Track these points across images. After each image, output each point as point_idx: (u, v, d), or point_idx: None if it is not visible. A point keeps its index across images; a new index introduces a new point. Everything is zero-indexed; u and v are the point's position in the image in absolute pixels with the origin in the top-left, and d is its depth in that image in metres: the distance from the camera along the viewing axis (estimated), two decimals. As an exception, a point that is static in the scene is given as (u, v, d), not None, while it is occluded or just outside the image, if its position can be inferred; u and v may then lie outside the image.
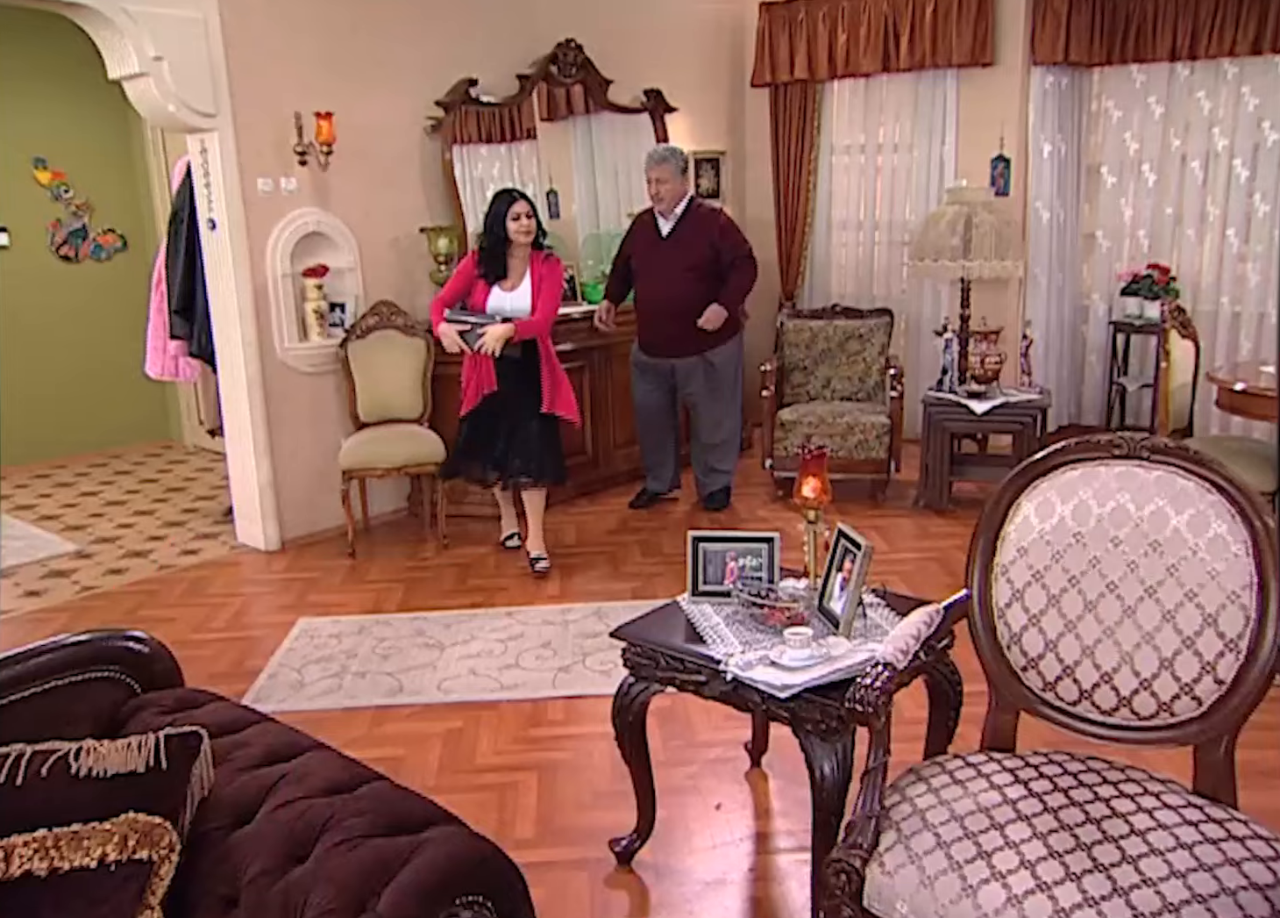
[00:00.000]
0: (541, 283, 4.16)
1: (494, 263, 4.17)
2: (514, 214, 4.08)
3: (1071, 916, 1.61)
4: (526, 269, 4.19)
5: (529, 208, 4.13)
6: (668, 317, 4.79)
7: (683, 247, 4.74)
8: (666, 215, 4.75)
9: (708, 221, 4.83)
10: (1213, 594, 1.93)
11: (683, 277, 4.75)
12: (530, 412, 4.22)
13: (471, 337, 4.06)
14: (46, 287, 6.40)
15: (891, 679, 1.90)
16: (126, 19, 4.08)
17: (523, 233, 4.10)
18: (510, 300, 4.17)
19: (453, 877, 1.35)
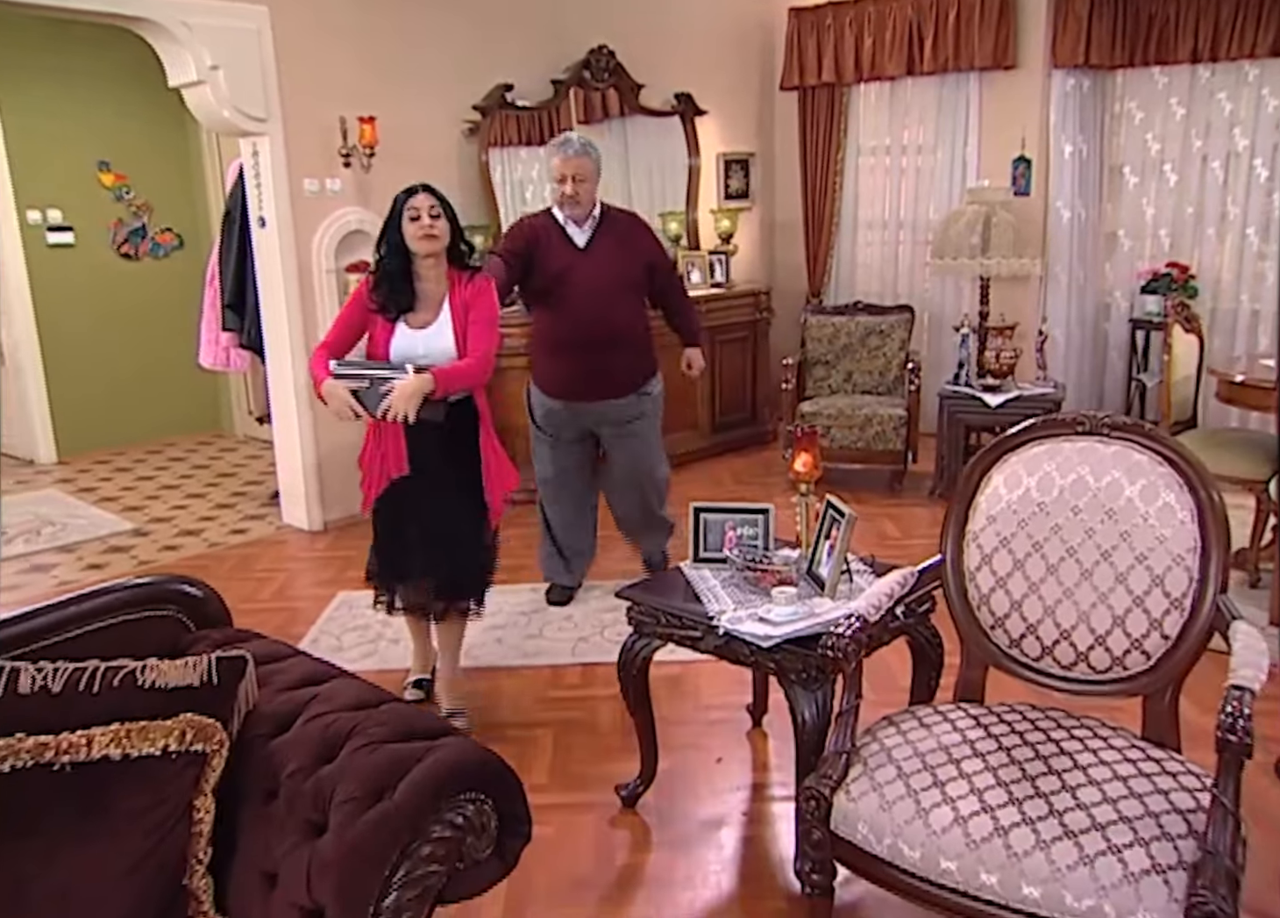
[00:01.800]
0: (469, 312, 2.91)
1: (395, 289, 2.89)
2: (411, 210, 2.85)
3: (1009, 833, 1.80)
4: (444, 296, 2.94)
5: (434, 202, 2.87)
6: (602, 347, 3.70)
7: (613, 260, 3.72)
8: (580, 222, 3.72)
9: (635, 230, 3.88)
10: (1160, 558, 2.11)
11: (619, 296, 3.74)
12: (456, 499, 3.02)
13: (371, 396, 2.79)
14: (107, 283, 6.76)
15: (862, 630, 2.09)
16: (186, 31, 4.37)
17: (424, 238, 2.84)
18: (423, 341, 2.90)
19: (458, 775, 1.57)
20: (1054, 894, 1.73)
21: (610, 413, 3.86)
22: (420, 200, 2.87)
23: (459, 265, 2.98)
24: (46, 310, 6.48)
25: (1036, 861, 1.76)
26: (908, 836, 1.88)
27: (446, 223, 2.90)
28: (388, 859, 1.49)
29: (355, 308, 2.98)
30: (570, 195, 3.65)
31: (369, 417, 2.85)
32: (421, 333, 2.92)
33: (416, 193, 2.89)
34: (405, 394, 2.76)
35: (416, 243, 2.85)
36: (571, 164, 3.62)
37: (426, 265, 2.91)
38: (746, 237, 6.84)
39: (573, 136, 3.69)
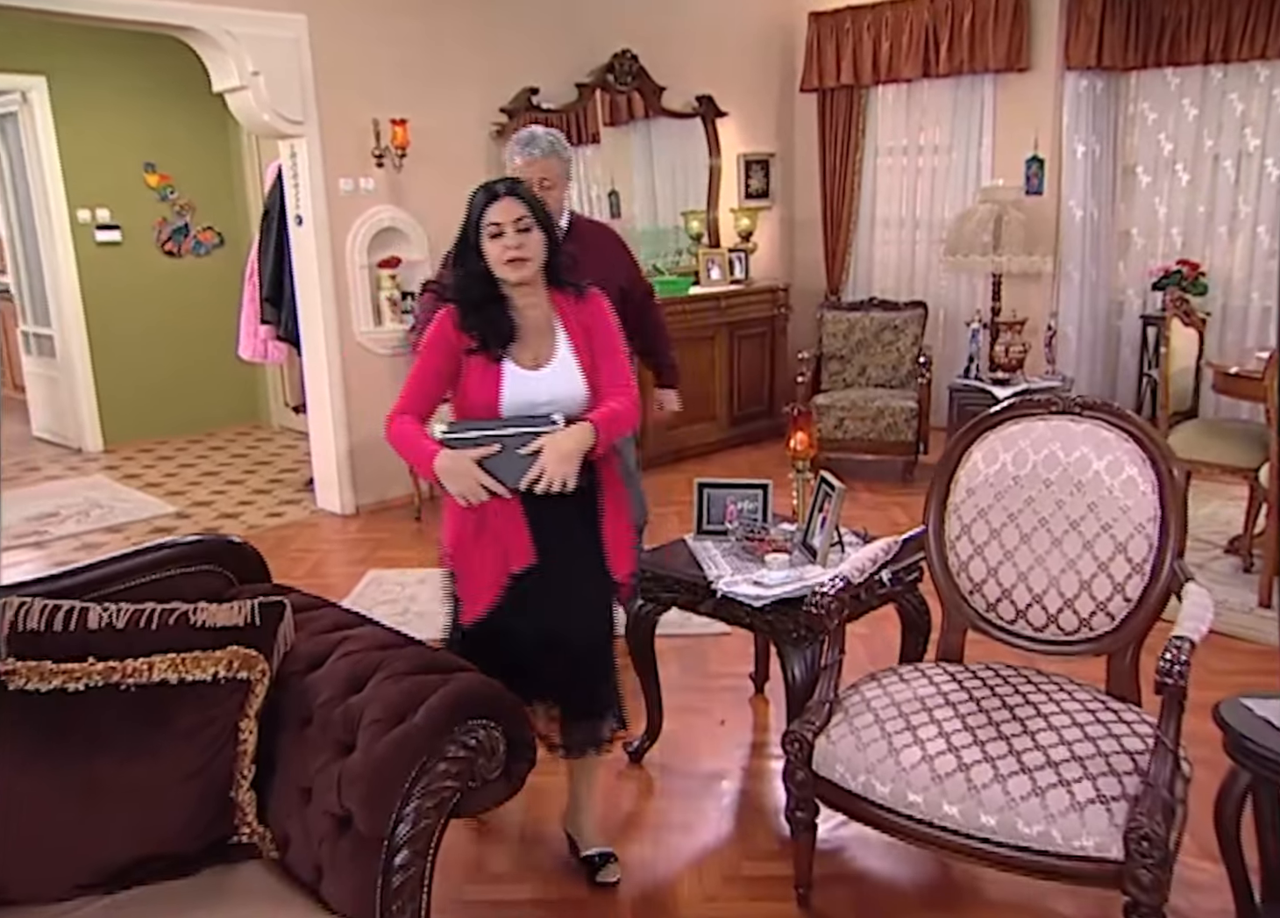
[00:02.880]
0: (592, 339, 2.25)
1: (490, 322, 2.18)
2: (491, 226, 2.12)
3: (971, 769, 1.98)
4: (554, 323, 2.24)
5: (522, 212, 2.12)
6: None
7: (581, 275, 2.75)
8: None
9: (607, 240, 3.27)
10: (1124, 526, 2.28)
11: None
12: (585, 584, 2.29)
13: (508, 463, 2.07)
14: (152, 280, 7.04)
15: (845, 590, 2.28)
16: (229, 39, 4.63)
17: (512, 263, 2.12)
18: (546, 385, 2.20)
19: (470, 702, 1.78)
20: (1008, 822, 1.91)
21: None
22: (503, 209, 2.10)
23: (559, 283, 2.24)
24: (94, 306, 6.78)
25: (994, 793, 1.94)
26: (879, 772, 2.06)
27: (540, 233, 2.14)
28: (408, 773, 1.70)
29: (438, 351, 2.18)
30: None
31: (508, 492, 2.09)
32: (540, 374, 2.18)
33: (498, 197, 2.12)
34: (563, 454, 2.04)
35: (502, 269, 2.12)
36: (537, 167, 2.86)
37: (521, 293, 2.18)
38: (766, 235, 7.02)
39: (538, 132, 2.95)
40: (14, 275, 7.28)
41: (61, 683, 1.72)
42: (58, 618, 1.82)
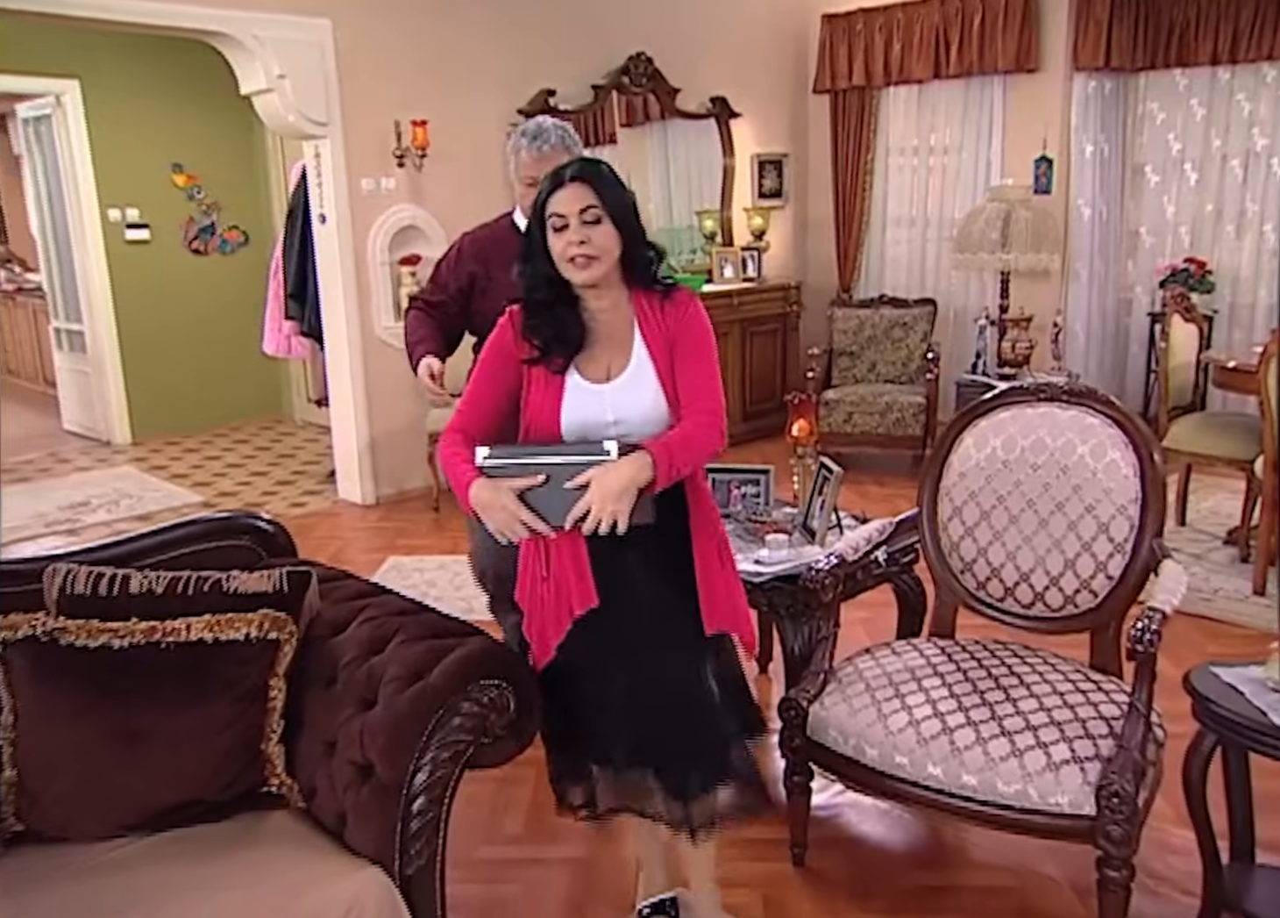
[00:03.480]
0: (675, 346, 1.90)
1: (557, 326, 1.90)
2: (555, 218, 1.82)
3: (954, 733, 2.10)
4: (632, 327, 1.92)
5: (591, 201, 1.80)
6: None
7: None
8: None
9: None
10: (1106, 508, 2.39)
11: None
12: (681, 636, 1.92)
13: (552, 497, 1.76)
14: (179, 277, 7.22)
15: (839, 567, 2.40)
16: (256, 43, 4.79)
17: (577, 262, 1.82)
18: (612, 400, 1.89)
19: (483, 664, 1.91)
20: (988, 782, 2.03)
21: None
22: (568, 198, 1.80)
23: (644, 282, 1.91)
24: (123, 302, 6.97)
25: (975, 754, 2.05)
26: (868, 736, 2.18)
27: (612, 227, 1.82)
28: (425, 726, 1.83)
29: (494, 359, 1.94)
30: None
31: (550, 531, 1.78)
32: (608, 387, 1.88)
33: (563, 183, 1.81)
34: (612, 491, 1.70)
35: (565, 268, 1.83)
36: (549, 163, 2.46)
37: (595, 295, 1.88)
38: (779, 234, 7.13)
39: (547, 124, 2.69)
40: (46, 273, 7.48)
41: (107, 640, 1.86)
42: (102, 583, 1.96)
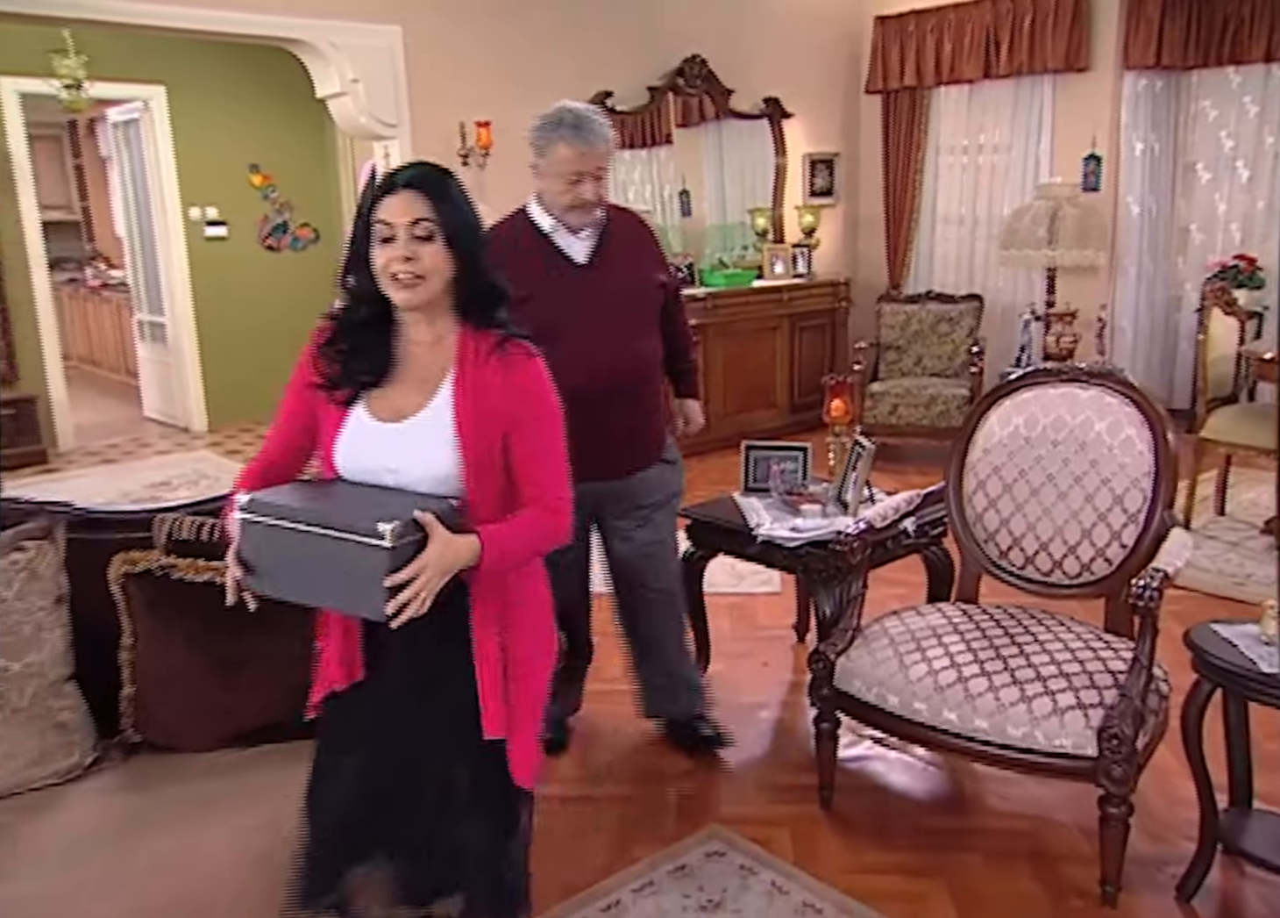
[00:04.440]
0: (517, 423, 1.60)
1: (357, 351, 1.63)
2: (382, 225, 1.55)
3: (968, 681, 2.28)
4: (447, 368, 1.62)
5: (424, 213, 1.55)
6: (621, 399, 2.56)
7: (626, 275, 2.59)
8: (577, 227, 2.53)
9: (640, 231, 2.72)
10: (1121, 481, 2.55)
11: (638, 326, 2.62)
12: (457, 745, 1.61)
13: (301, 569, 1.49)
14: (253, 273, 7.59)
15: (868, 532, 2.59)
16: (332, 49, 5.08)
17: (399, 280, 1.55)
18: (395, 443, 1.60)
19: (538, 605, 2.13)
20: (998, 725, 2.21)
21: (625, 492, 2.65)
22: (399, 205, 1.55)
23: (478, 320, 1.64)
24: (202, 296, 7.34)
25: (986, 700, 2.23)
26: (890, 685, 2.37)
27: (446, 247, 1.56)
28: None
29: (292, 387, 1.71)
30: (591, 201, 2.46)
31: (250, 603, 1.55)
32: (389, 429, 1.60)
33: (395, 189, 1.57)
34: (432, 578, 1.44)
35: (387, 284, 1.56)
36: (597, 156, 2.41)
37: (415, 323, 1.63)
38: (830, 231, 7.28)
39: (584, 112, 2.47)
40: (131, 268, 7.90)
41: (210, 577, 2.11)
42: (204, 530, 2.22)
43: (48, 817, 1.83)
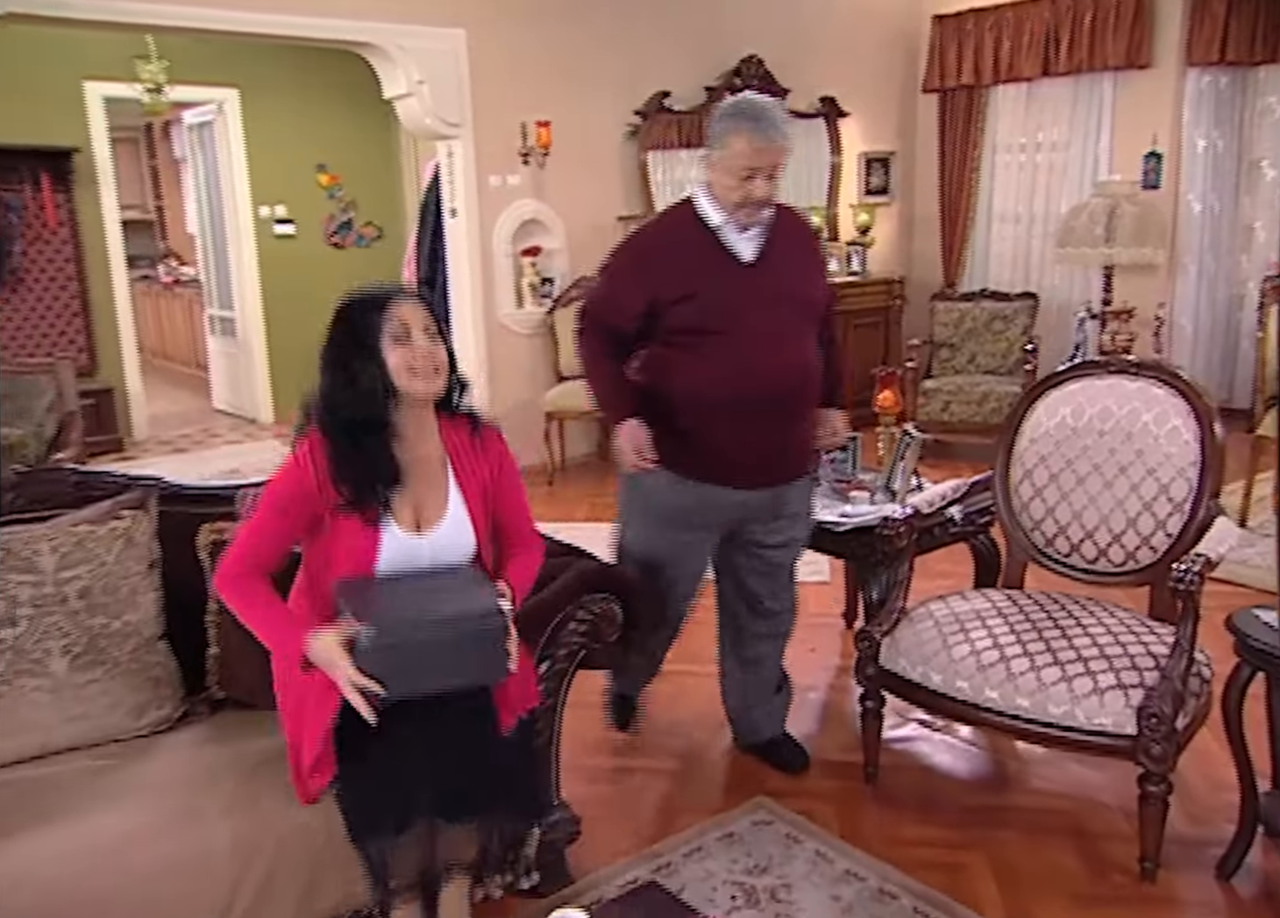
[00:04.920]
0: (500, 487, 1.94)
1: (371, 465, 1.76)
2: (395, 326, 1.76)
3: (1010, 661, 2.34)
4: (446, 466, 1.86)
5: (432, 320, 1.81)
6: (781, 406, 2.44)
7: (792, 276, 2.45)
8: (743, 223, 2.37)
9: (806, 234, 2.61)
10: (1167, 471, 2.59)
11: (801, 329, 2.48)
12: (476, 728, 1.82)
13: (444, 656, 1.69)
14: (319, 269, 7.80)
15: (914, 517, 2.66)
16: (400, 52, 5.26)
17: (422, 374, 1.75)
18: (433, 552, 1.83)
19: (594, 579, 2.24)
20: (1039, 703, 2.27)
21: (773, 503, 2.54)
22: (406, 310, 1.75)
23: (451, 408, 1.85)
24: (270, 292, 7.59)
25: (1028, 679, 2.29)
26: (934, 664, 2.44)
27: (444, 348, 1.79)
28: (547, 627, 2.17)
29: (294, 503, 1.76)
30: (762, 199, 2.31)
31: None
32: (427, 541, 1.80)
33: (395, 299, 1.76)
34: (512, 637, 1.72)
35: (411, 380, 1.72)
36: (774, 153, 2.27)
37: (415, 419, 1.78)
38: (884, 230, 7.32)
39: (763, 104, 2.31)
40: (203, 264, 8.19)
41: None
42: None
43: (143, 761, 1.99)
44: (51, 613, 2.04)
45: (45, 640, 2.02)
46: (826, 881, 2.26)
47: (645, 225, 2.62)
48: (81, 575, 2.09)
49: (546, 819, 2.14)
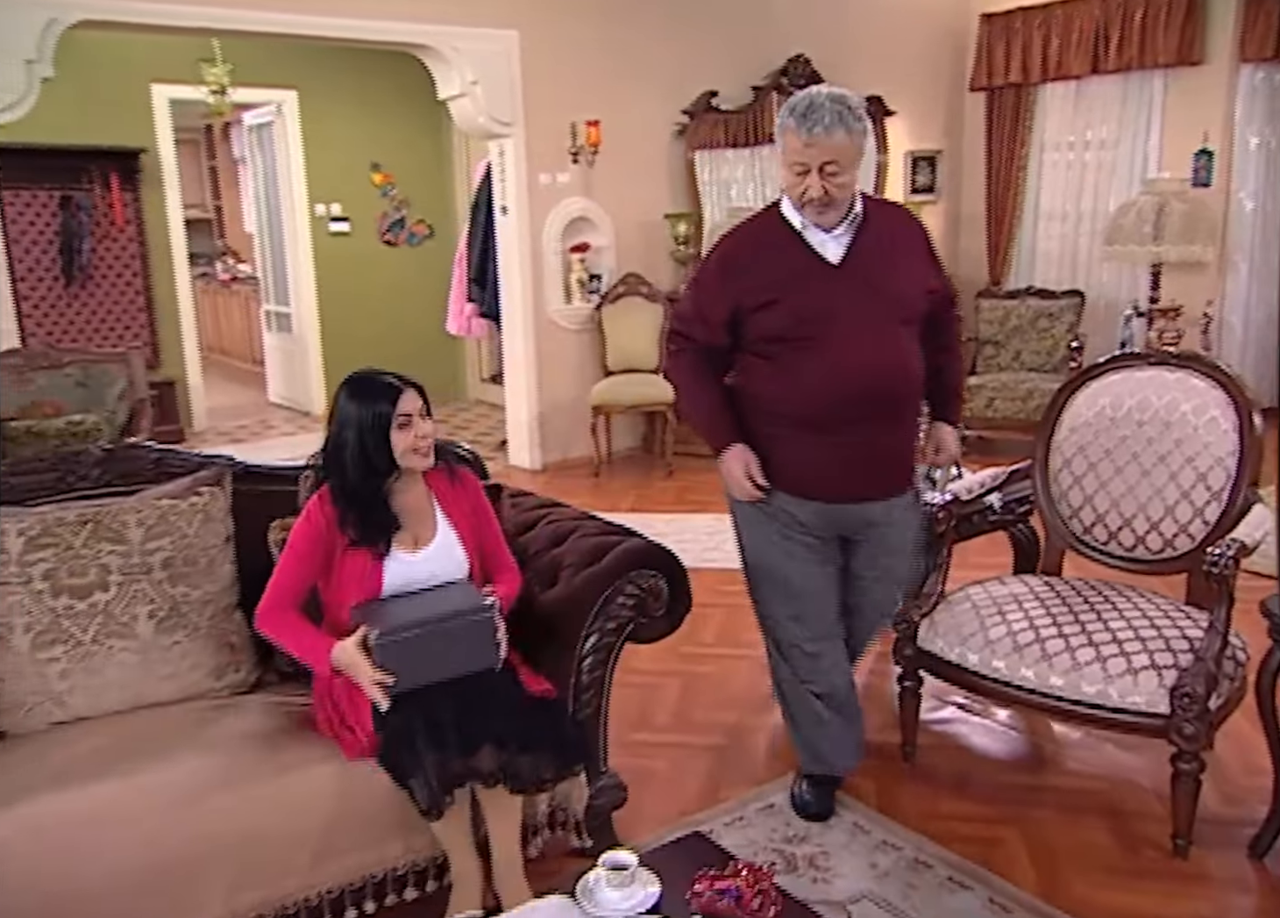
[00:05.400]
0: (478, 520, 2.27)
1: (374, 514, 2.14)
2: (402, 417, 2.11)
3: (1045, 641, 2.42)
4: (432, 502, 2.23)
5: (422, 400, 2.17)
6: (877, 415, 2.34)
7: (884, 277, 2.32)
8: (826, 223, 2.29)
9: (907, 230, 2.46)
10: (1205, 460, 2.64)
11: (897, 334, 2.34)
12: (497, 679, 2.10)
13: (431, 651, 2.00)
14: (372, 266, 8.01)
15: (953, 504, 2.73)
16: (455, 53, 5.40)
17: (421, 451, 2.14)
18: (425, 565, 2.17)
19: (642, 556, 2.34)
20: (1073, 683, 2.33)
21: (876, 517, 2.45)
22: (410, 401, 2.12)
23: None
24: (325, 288, 7.79)
25: (1063, 659, 2.36)
26: (971, 644, 2.51)
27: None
28: (595, 602, 2.27)
29: (314, 546, 2.12)
30: (819, 199, 2.22)
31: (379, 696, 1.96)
32: (420, 555, 2.16)
33: (401, 391, 2.12)
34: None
35: (411, 458, 2.12)
36: (821, 149, 2.17)
37: (407, 476, 2.18)
38: (931, 227, 7.17)
39: (819, 97, 2.21)
40: (260, 261, 8.42)
41: (355, 523, 2.39)
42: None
43: (224, 717, 2.13)
44: (138, 581, 2.19)
45: (133, 606, 2.17)
46: (864, 850, 2.35)
47: (730, 231, 2.50)
48: (165, 547, 2.24)
49: (593, 779, 2.29)
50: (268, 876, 1.90)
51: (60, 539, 2.15)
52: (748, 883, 1.48)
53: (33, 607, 2.10)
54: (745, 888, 1.47)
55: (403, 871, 2.07)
